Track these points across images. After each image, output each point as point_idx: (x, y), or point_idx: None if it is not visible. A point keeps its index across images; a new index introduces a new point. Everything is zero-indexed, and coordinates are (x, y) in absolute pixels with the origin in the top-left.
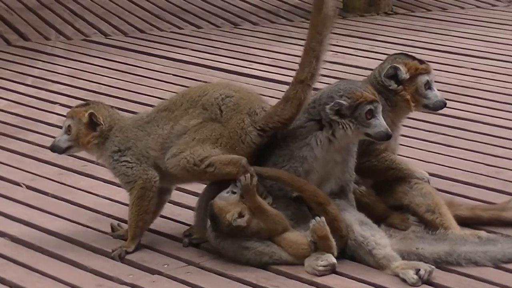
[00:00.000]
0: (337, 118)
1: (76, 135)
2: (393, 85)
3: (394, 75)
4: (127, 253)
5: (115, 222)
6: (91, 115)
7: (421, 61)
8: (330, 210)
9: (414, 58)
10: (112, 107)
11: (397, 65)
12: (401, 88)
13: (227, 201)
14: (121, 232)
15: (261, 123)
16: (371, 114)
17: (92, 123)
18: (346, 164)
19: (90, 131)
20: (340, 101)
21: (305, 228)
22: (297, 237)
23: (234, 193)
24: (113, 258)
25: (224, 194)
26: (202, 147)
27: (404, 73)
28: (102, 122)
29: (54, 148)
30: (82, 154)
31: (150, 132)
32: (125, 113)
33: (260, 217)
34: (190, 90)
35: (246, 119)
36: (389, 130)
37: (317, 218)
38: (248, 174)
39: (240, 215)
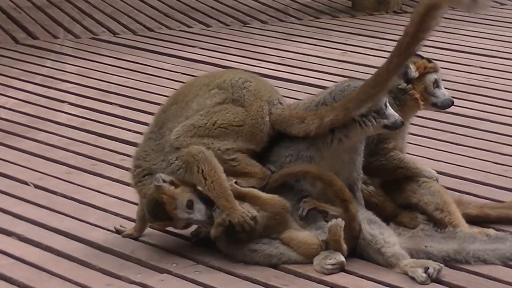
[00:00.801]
0: (359, 117)
1: None
2: (402, 84)
3: (403, 74)
4: (253, 219)
5: (117, 226)
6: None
7: (429, 60)
8: (351, 209)
9: (422, 57)
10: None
11: (407, 64)
12: (410, 87)
13: None
14: (129, 231)
15: (273, 120)
16: (386, 104)
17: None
18: (353, 164)
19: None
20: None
21: (315, 227)
22: (307, 237)
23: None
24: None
25: None
26: (227, 138)
27: (413, 72)
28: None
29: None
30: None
31: (163, 143)
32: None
33: (256, 203)
34: (197, 79)
35: (265, 107)
36: (401, 118)
37: (336, 220)
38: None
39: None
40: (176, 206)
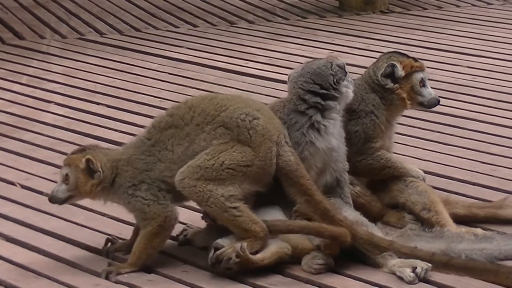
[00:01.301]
0: (345, 88)
1: (75, 184)
2: (389, 84)
3: (390, 74)
4: (118, 274)
5: (110, 237)
6: (88, 161)
7: (415, 59)
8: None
9: (408, 56)
10: (107, 149)
11: (394, 63)
12: (397, 87)
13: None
14: (117, 245)
15: (280, 166)
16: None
17: (90, 170)
18: (339, 152)
19: (89, 179)
20: (341, 63)
21: None
22: (300, 240)
23: None
24: (101, 273)
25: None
26: (232, 182)
27: (400, 71)
28: (100, 169)
29: (52, 199)
30: None
31: (160, 158)
32: (117, 146)
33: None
34: (200, 103)
35: (273, 149)
36: None
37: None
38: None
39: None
40: None
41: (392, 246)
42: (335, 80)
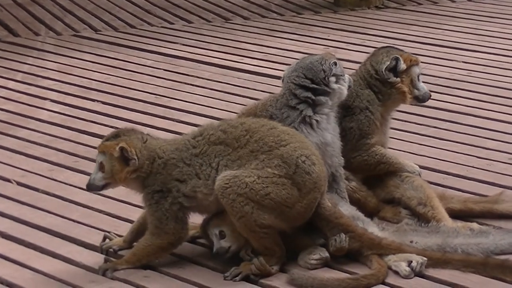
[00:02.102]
0: (337, 85)
1: (110, 171)
2: (392, 78)
3: (393, 68)
4: (115, 271)
5: (107, 233)
6: (121, 149)
7: (410, 54)
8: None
9: (402, 50)
10: (146, 134)
11: (398, 56)
12: (398, 80)
13: None
14: (116, 242)
15: (318, 213)
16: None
17: (125, 158)
18: (334, 147)
19: (124, 166)
20: (333, 61)
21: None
22: (296, 235)
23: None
24: (98, 270)
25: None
26: (269, 213)
27: (403, 64)
28: (135, 157)
29: (90, 187)
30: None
31: (199, 173)
32: (159, 134)
33: None
34: (258, 129)
35: (318, 199)
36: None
37: (341, 238)
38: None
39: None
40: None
41: (423, 253)
42: (325, 76)
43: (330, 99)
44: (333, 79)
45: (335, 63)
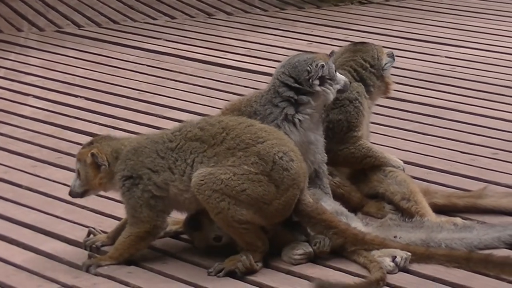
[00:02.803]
0: (320, 87)
1: (85, 179)
2: (386, 73)
3: (389, 62)
4: (99, 267)
5: (92, 228)
6: (92, 155)
7: None
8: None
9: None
10: (122, 139)
11: (392, 52)
12: (389, 75)
13: None
14: (100, 238)
15: (299, 210)
16: (334, 69)
17: (97, 164)
18: (317, 144)
19: (97, 172)
20: (321, 63)
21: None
22: (286, 236)
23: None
24: (82, 266)
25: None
26: (246, 209)
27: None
28: (105, 162)
29: (71, 194)
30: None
31: (172, 168)
32: (142, 129)
33: None
34: (235, 126)
35: (297, 196)
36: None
37: (325, 242)
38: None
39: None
40: None
41: (407, 248)
42: (309, 77)
43: (313, 100)
44: (317, 81)
45: (323, 66)
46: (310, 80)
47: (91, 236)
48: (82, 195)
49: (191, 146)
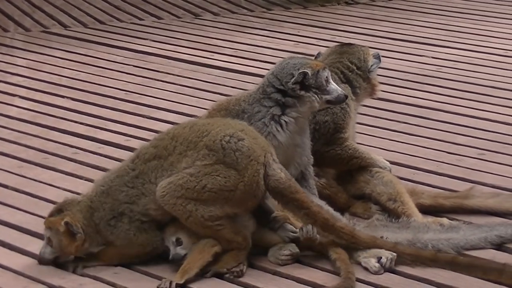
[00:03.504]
0: (303, 92)
1: (59, 246)
2: (373, 75)
3: (375, 64)
4: (85, 267)
5: None
6: (67, 224)
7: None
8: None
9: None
10: (85, 199)
11: (379, 54)
12: (376, 76)
13: None
14: None
15: (271, 186)
16: (328, 80)
17: (71, 232)
18: (304, 147)
19: (72, 241)
20: (304, 70)
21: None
22: (272, 237)
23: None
24: (68, 267)
25: None
26: (213, 204)
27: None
28: (80, 230)
29: (41, 261)
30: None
31: (144, 192)
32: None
33: None
34: (181, 132)
35: (261, 171)
36: (343, 91)
37: (308, 228)
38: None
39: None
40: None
41: (396, 248)
42: (291, 82)
43: (299, 104)
44: (297, 86)
45: (305, 74)
46: (289, 84)
47: None
48: (53, 261)
49: (150, 166)
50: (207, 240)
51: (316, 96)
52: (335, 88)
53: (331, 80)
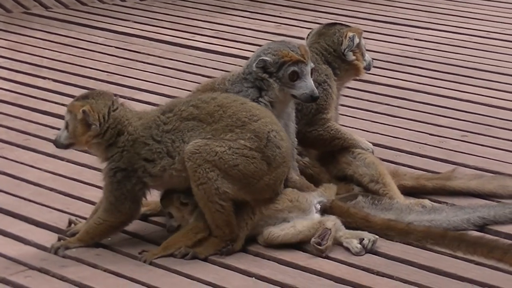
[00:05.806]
0: (266, 76)
1: (73, 132)
2: (351, 57)
3: (351, 45)
4: (67, 249)
5: (72, 218)
6: (84, 112)
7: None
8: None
9: (347, 25)
10: (120, 102)
11: (354, 35)
12: (355, 58)
13: None
14: (77, 228)
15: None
16: (296, 75)
17: (87, 121)
18: (287, 130)
19: (86, 130)
20: (264, 57)
21: None
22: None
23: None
24: (50, 248)
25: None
26: (233, 183)
27: (357, 39)
28: (96, 122)
29: (56, 144)
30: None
31: (171, 150)
32: (134, 105)
33: None
34: (230, 104)
35: (285, 174)
36: (316, 92)
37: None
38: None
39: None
40: None
41: (408, 227)
42: (254, 64)
43: (267, 88)
44: (259, 70)
45: (264, 61)
46: (253, 67)
47: (72, 225)
48: (66, 147)
49: (188, 125)
50: (194, 225)
51: (277, 85)
52: (307, 86)
53: (307, 76)
